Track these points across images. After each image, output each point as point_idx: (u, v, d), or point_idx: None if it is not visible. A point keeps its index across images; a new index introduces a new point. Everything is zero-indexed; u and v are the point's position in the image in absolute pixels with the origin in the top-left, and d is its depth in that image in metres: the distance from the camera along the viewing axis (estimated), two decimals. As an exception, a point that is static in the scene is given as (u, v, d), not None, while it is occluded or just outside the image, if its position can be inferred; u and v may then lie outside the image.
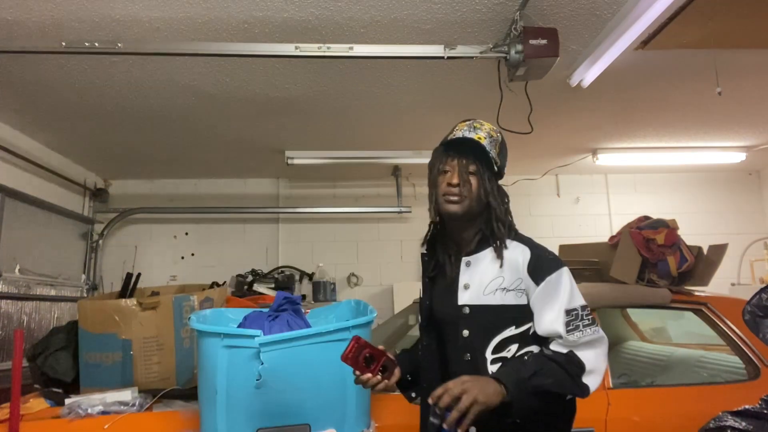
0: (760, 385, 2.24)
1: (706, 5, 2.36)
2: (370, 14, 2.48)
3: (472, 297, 1.43)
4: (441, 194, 1.45)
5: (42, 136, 4.04)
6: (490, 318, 1.40)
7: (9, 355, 3.42)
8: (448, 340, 1.48)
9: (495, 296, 1.41)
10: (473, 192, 1.43)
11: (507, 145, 1.57)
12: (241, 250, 5.22)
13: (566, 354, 1.35)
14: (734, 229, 5.37)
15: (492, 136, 1.49)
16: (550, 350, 1.37)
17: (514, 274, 1.42)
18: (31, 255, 3.98)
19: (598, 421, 2.15)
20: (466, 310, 1.42)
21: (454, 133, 1.50)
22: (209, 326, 1.92)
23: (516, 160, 4.95)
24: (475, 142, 1.44)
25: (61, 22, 2.48)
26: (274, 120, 3.79)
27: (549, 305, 1.38)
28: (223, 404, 1.80)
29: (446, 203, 1.44)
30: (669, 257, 2.57)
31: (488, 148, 1.45)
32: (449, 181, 1.44)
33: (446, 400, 1.21)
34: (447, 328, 1.48)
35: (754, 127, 4.23)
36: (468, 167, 1.44)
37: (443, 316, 1.49)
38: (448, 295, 1.47)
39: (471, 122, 1.51)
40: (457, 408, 1.19)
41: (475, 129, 1.48)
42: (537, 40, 2.48)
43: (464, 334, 1.41)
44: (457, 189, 1.42)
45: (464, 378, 1.24)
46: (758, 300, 2.43)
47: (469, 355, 1.41)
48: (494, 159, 1.45)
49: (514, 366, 1.34)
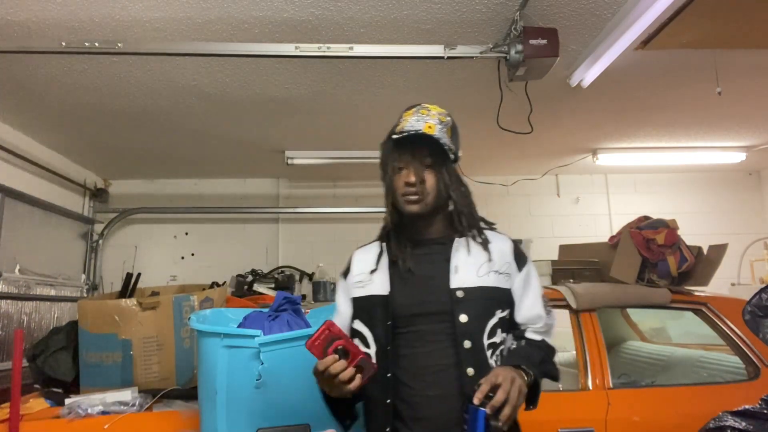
0: (760, 385, 2.24)
1: (706, 5, 2.36)
2: (370, 14, 2.48)
3: (464, 280, 1.34)
4: (400, 194, 1.37)
5: (42, 136, 4.03)
6: (484, 301, 1.34)
7: (9, 355, 3.42)
8: (428, 336, 1.33)
9: (489, 278, 1.35)
10: (433, 188, 1.36)
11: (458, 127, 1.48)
12: (241, 250, 5.22)
13: (543, 341, 1.40)
14: (734, 229, 5.37)
15: (442, 120, 1.40)
16: (527, 338, 1.39)
17: (502, 257, 1.39)
18: (31, 255, 3.98)
19: (598, 421, 2.15)
20: (460, 293, 1.32)
21: (401, 124, 1.40)
22: (209, 326, 1.92)
23: (516, 160, 4.96)
24: (428, 136, 1.34)
25: (61, 22, 2.48)
26: (274, 120, 3.79)
27: (529, 290, 1.41)
28: (223, 404, 1.80)
29: (407, 204, 1.36)
30: (669, 257, 2.57)
31: (441, 137, 1.36)
32: (406, 179, 1.35)
33: (501, 396, 1.11)
34: (430, 320, 1.33)
35: (754, 127, 4.23)
36: (423, 162, 1.36)
37: (426, 308, 1.34)
38: (429, 284, 1.36)
39: (417, 109, 1.42)
40: (509, 404, 1.12)
41: (423, 116, 1.39)
42: (537, 40, 2.48)
43: (462, 319, 1.30)
44: (415, 188, 1.34)
45: (498, 371, 1.17)
46: (758, 300, 2.44)
47: (469, 343, 1.30)
48: (449, 147, 1.37)
49: (524, 352, 1.33)
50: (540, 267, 2.74)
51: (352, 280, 1.46)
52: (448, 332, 1.31)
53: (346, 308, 1.46)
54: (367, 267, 1.44)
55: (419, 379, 1.31)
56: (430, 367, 1.31)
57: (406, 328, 1.34)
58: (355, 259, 1.50)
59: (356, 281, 1.44)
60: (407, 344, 1.34)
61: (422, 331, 1.33)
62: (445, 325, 1.32)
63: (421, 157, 1.36)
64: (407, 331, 1.34)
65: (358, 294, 1.43)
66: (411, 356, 1.33)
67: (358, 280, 1.44)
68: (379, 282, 1.39)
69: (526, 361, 1.27)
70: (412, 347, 1.33)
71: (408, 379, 1.32)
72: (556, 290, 2.52)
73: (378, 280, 1.40)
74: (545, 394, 2.33)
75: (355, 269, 1.47)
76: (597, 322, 2.42)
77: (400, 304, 1.35)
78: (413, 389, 1.31)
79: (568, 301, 2.44)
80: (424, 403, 1.30)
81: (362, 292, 1.42)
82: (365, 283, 1.42)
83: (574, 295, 2.44)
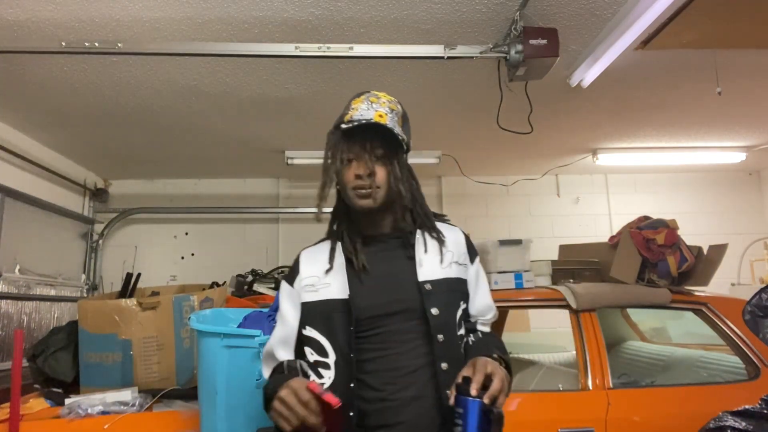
0: (760, 385, 2.24)
1: (706, 5, 2.36)
2: (370, 14, 2.48)
3: (430, 272, 1.28)
4: (350, 188, 1.28)
5: (42, 136, 4.03)
6: (451, 293, 1.30)
7: (9, 355, 3.42)
8: (396, 336, 1.25)
9: (452, 269, 1.32)
10: (384, 181, 1.27)
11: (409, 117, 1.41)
12: (241, 250, 5.22)
13: (493, 333, 1.39)
14: (734, 229, 5.37)
15: (393, 109, 1.32)
16: (481, 330, 1.37)
17: (459, 249, 1.37)
18: (31, 255, 3.98)
19: (598, 421, 2.15)
20: (428, 286, 1.26)
21: (350, 113, 1.30)
22: (209, 326, 1.92)
23: (516, 160, 4.96)
24: (380, 125, 1.26)
25: (61, 22, 2.48)
26: (274, 120, 3.79)
27: (481, 283, 1.39)
28: (223, 404, 1.80)
29: (357, 198, 1.27)
30: (669, 257, 2.57)
31: (393, 126, 1.27)
32: (356, 172, 1.26)
33: (498, 384, 1.09)
34: (398, 319, 1.25)
35: (754, 127, 4.23)
36: (374, 153, 1.27)
37: (393, 306, 1.25)
38: (393, 281, 1.28)
39: (367, 96, 1.34)
40: (503, 392, 1.10)
41: (373, 104, 1.30)
42: (537, 40, 2.48)
43: (434, 312, 1.24)
44: (367, 181, 1.26)
45: (483, 360, 1.14)
46: (758, 300, 2.44)
47: (442, 336, 1.23)
48: (401, 137, 1.28)
49: (491, 343, 1.30)
50: (540, 267, 2.74)
51: (301, 284, 1.33)
52: (419, 329, 1.24)
53: (294, 317, 1.32)
54: (319, 268, 1.33)
55: (390, 382, 1.21)
56: (402, 369, 1.22)
57: (371, 331, 1.24)
58: (304, 260, 1.38)
59: (307, 284, 1.32)
60: (374, 348, 1.24)
61: (390, 332, 1.24)
62: (415, 322, 1.25)
63: (371, 149, 1.27)
64: (373, 333, 1.24)
65: (311, 299, 1.30)
66: (379, 360, 1.23)
67: (309, 284, 1.32)
68: (336, 284, 1.29)
69: (498, 351, 1.25)
70: (380, 350, 1.24)
71: (377, 384, 1.22)
72: (556, 290, 2.52)
73: (334, 282, 1.29)
74: (545, 394, 2.34)
75: (304, 272, 1.34)
76: (597, 322, 2.42)
77: (364, 307, 1.24)
78: (383, 393, 1.21)
79: (568, 301, 2.44)
80: (399, 406, 1.20)
81: (315, 297, 1.30)
82: (318, 286, 1.31)
83: (574, 295, 2.44)
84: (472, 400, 1.08)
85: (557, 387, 2.43)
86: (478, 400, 1.07)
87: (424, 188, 1.45)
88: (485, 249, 2.70)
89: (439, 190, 5.37)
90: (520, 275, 2.64)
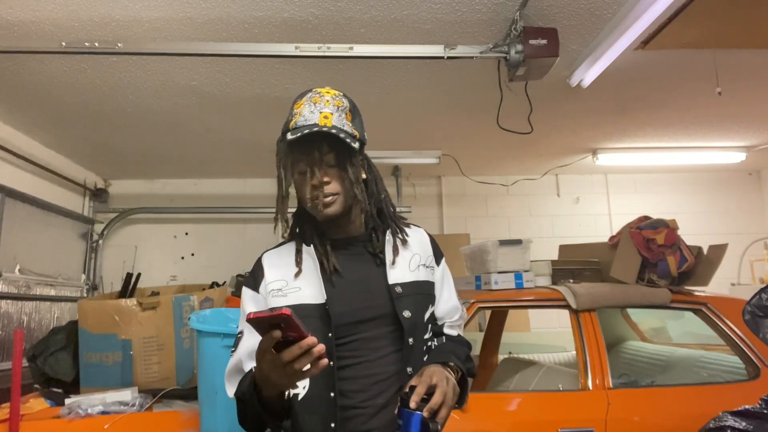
0: (760, 385, 2.24)
1: (706, 5, 2.36)
2: (370, 14, 2.48)
3: (399, 275, 1.25)
4: (308, 200, 1.22)
5: (42, 136, 4.03)
6: (419, 296, 1.26)
7: (9, 355, 3.42)
8: (372, 343, 1.20)
9: (420, 272, 1.28)
10: (340, 189, 1.22)
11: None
12: (241, 250, 5.21)
13: (459, 336, 1.35)
14: (734, 229, 5.37)
15: (338, 105, 1.24)
16: (446, 334, 1.33)
17: (425, 250, 1.33)
18: (31, 255, 3.98)
19: (598, 421, 2.15)
20: (399, 289, 1.22)
21: (294, 119, 1.22)
22: (209, 326, 1.92)
23: (516, 160, 4.96)
24: (325, 132, 1.18)
25: (61, 22, 2.48)
26: (274, 120, 3.79)
27: (447, 284, 1.36)
28: (223, 404, 1.80)
29: (317, 210, 1.23)
30: (669, 257, 2.57)
31: (341, 126, 1.21)
32: (311, 183, 1.21)
33: (439, 398, 1.04)
34: (372, 325, 1.20)
35: (754, 127, 4.23)
36: (325, 160, 1.21)
37: (368, 312, 1.21)
38: (365, 285, 1.23)
39: (309, 97, 1.24)
40: (446, 405, 1.06)
41: (317, 105, 1.22)
42: (537, 40, 2.48)
43: (406, 315, 1.20)
44: (323, 192, 1.21)
45: (431, 370, 1.10)
46: (758, 300, 2.45)
47: (412, 340, 1.19)
48: (352, 137, 1.22)
49: (449, 349, 1.26)
50: (540, 267, 2.74)
51: (267, 289, 1.25)
52: (392, 335, 1.20)
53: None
54: (285, 272, 1.26)
55: (365, 390, 1.17)
56: (376, 375, 1.18)
57: (347, 338, 1.19)
58: (267, 263, 1.31)
59: (273, 289, 1.24)
60: (349, 355, 1.18)
61: (365, 338, 1.19)
62: (389, 328, 1.20)
63: (321, 156, 1.21)
64: (349, 340, 1.19)
65: (279, 304, 1.19)
66: (354, 367, 1.18)
67: (276, 288, 1.24)
68: (309, 288, 1.22)
69: (455, 358, 1.21)
70: (355, 357, 1.18)
71: (353, 392, 1.17)
72: (556, 290, 2.52)
73: (306, 286, 1.22)
74: (545, 394, 2.34)
75: (269, 275, 1.27)
76: (597, 322, 2.42)
77: (341, 312, 1.18)
78: (356, 400, 1.17)
79: (568, 301, 2.44)
80: (369, 414, 1.16)
81: (284, 302, 1.21)
82: (287, 290, 1.23)
83: (574, 295, 2.44)
84: (410, 413, 1.04)
85: (557, 387, 2.43)
86: (417, 413, 1.03)
87: (425, 188, 1.44)
88: (485, 249, 2.70)
89: (439, 190, 5.36)
90: (520, 275, 2.64)
